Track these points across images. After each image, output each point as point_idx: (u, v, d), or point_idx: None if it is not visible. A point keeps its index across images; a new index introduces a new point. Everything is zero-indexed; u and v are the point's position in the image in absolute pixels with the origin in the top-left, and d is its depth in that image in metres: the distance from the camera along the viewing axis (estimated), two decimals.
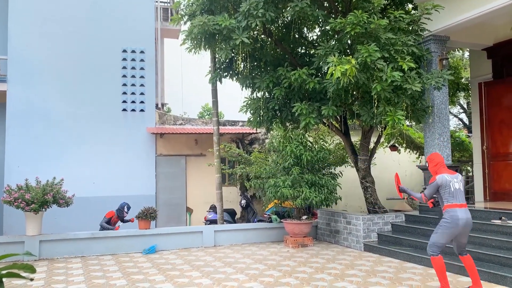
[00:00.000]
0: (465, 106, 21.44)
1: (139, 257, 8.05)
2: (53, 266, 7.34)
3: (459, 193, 5.16)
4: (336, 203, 9.48)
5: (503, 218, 6.98)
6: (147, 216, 8.79)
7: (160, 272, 6.73)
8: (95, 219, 11.85)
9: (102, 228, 9.45)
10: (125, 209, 9.51)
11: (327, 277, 6.26)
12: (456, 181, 5.20)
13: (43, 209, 7.98)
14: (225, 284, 5.93)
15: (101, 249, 8.41)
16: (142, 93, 13.15)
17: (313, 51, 9.64)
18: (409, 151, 14.19)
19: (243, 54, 8.48)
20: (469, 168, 15.28)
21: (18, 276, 0.99)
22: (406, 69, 7.47)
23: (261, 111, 9.27)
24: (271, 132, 11.08)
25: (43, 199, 7.78)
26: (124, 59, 13.07)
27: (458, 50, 15.66)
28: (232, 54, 8.87)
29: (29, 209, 7.71)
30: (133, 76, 13.10)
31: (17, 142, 11.97)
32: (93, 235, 8.44)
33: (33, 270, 1.06)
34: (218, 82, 9.95)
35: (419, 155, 14.15)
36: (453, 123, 22.33)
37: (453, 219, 5.04)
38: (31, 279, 1.05)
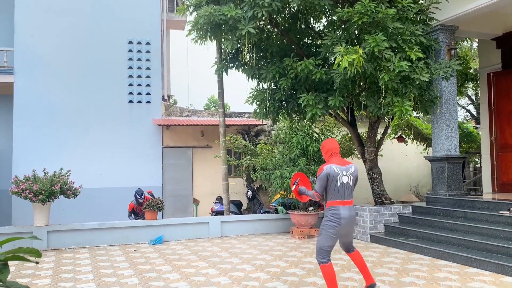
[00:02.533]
0: (473, 97, 21.25)
1: (146, 248, 8.09)
2: (61, 257, 7.40)
3: (346, 189, 4.57)
4: None
5: (511, 209, 6.93)
6: (154, 207, 8.82)
7: (167, 263, 6.77)
8: (102, 210, 11.94)
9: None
10: (138, 196, 9.52)
11: (334, 268, 6.24)
12: (345, 173, 4.59)
13: (51, 200, 8.03)
14: (232, 274, 5.94)
15: (108, 240, 8.47)
16: (148, 85, 13.14)
17: (319, 41, 9.55)
18: (416, 143, 14.10)
19: (249, 45, 8.43)
20: (477, 159, 15.18)
21: (23, 259, 0.98)
22: (414, 59, 7.39)
23: (267, 102, 9.22)
24: (277, 123, 11.04)
25: (50, 190, 7.82)
26: (130, 51, 13.06)
27: (466, 40, 15.50)
28: (238, 45, 8.81)
29: (36, 200, 7.76)
30: (139, 68, 13.09)
31: (25, 134, 12.04)
32: (100, 226, 8.49)
33: (38, 254, 1.06)
34: (224, 73, 9.90)
35: (426, 147, 14.07)
36: (461, 114, 22.15)
37: (335, 217, 4.50)
38: (36, 263, 1.05)
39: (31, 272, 6.29)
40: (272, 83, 9.42)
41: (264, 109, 9.35)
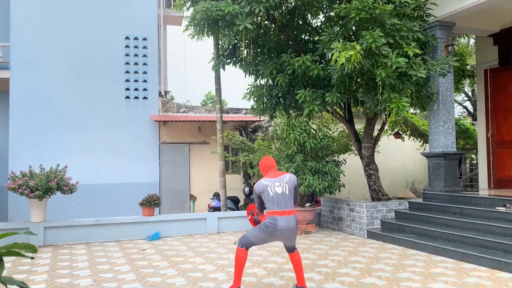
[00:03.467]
0: (469, 94, 21.30)
1: (143, 244, 8.09)
2: (57, 252, 7.38)
3: (281, 198, 4.57)
4: (339, 191, 9.47)
5: (507, 205, 6.96)
6: (151, 203, 8.81)
7: (164, 258, 6.77)
8: (99, 206, 11.93)
9: None
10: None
11: (330, 264, 6.27)
12: (278, 184, 4.63)
13: (47, 196, 8.01)
14: (229, 270, 5.95)
15: (105, 236, 8.46)
16: (145, 81, 13.11)
17: (317, 37, 9.54)
18: (413, 139, 14.14)
19: (247, 41, 8.40)
20: (473, 156, 15.23)
21: (18, 254, 0.98)
22: (411, 55, 7.39)
23: (264, 99, 9.21)
24: (275, 119, 11.03)
25: (47, 186, 7.80)
26: (127, 46, 13.01)
27: (463, 37, 15.49)
28: (236, 41, 8.78)
29: (33, 196, 7.74)
30: (136, 64, 13.05)
31: (21, 129, 11.99)
32: (97, 221, 8.48)
33: (34, 250, 1.05)
34: (221, 69, 9.87)
35: (423, 143, 14.10)
36: (458, 111, 22.21)
37: (271, 226, 4.52)
38: (32, 258, 1.04)
39: (28, 268, 6.28)
40: (270, 79, 9.40)
41: (262, 105, 9.34)
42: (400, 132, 13.57)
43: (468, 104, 22.44)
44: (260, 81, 9.57)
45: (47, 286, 5.35)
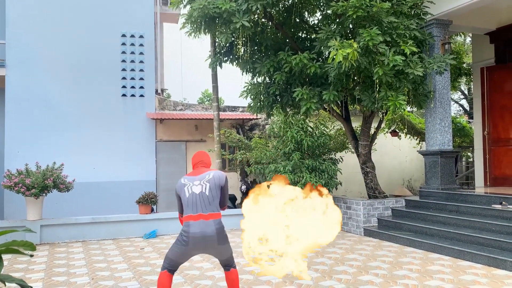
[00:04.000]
0: (466, 92, 21.36)
1: (140, 242, 8.08)
2: (54, 251, 7.37)
3: (198, 200, 3.78)
4: (336, 188, 9.49)
5: (503, 202, 6.99)
6: (148, 201, 8.80)
7: (161, 256, 6.76)
8: (96, 204, 11.90)
9: None
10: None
11: (327, 261, 6.28)
12: (198, 183, 3.85)
13: (44, 194, 7.99)
14: None
15: (102, 234, 8.44)
16: (141, 78, 13.06)
17: (314, 35, 9.53)
18: (409, 137, 14.16)
19: (244, 38, 8.39)
20: (469, 153, 15.29)
21: (17, 252, 0.97)
22: (408, 53, 7.40)
23: (261, 96, 9.21)
24: (272, 117, 11.03)
25: (43, 184, 7.77)
26: (123, 44, 12.95)
27: (460, 35, 15.54)
28: (233, 38, 8.78)
29: (29, 194, 7.71)
30: (132, 61, 13.00)
31: (17, 127, 11.93)
32: (93, 219, 8.46)
33: (33, 248, 1.04)
34: (218, 67, 9.87)
35: (419, 141, 14.13)
36: (454, 109, 22.28)
37: (184, 235, 3.74)
38: (31, 256, 1.04)
39: (24, 267, 6.26)
40: (267, 77, 9.40)
41: (259, 103, 9.34)
42: (397, 130, 13.60)
43: (464, 102, 22.51)
44: (257, 79, 9.57)
45: (44, 284, 5.34)
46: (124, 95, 12.90)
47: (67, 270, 5.99)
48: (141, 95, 13.02)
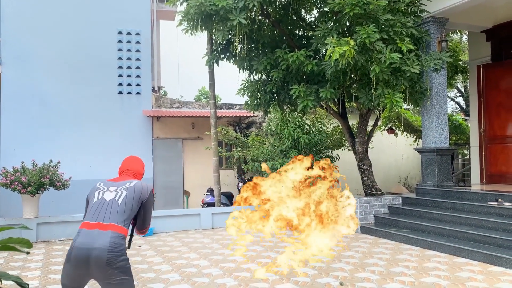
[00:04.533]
0: (462, 89, 21.42)
1: (137, 239, 8.07)
2: (50, 248, 7.35)
3: (105, 207, 2.95)
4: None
5: (499, 200, 7.02)
6: None
7: (158, 254, 6.76)
8: None
9: None
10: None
11: (324, 258, 6.29)
12: (114, 189, 3.06)
13: (40, 192, 7.96)
14: (223, 266, 5.96)
15: None
16: (138, 76, 13.02)
17: (311, 32, 9.53)
18: (406, 135, 14.20)
19: (240, 36, 8.37)
20: (465, 151, 15.34)
21: (13, 249, 0.97)
22: (405, 51, 7.41)
23: (258, 94, 9.20)
24: (269, 115, 11.03)
25: (39, 181, 7.75)
26: (120, 41, 12.91)
27: (456, 33, 15.55)
28: (229, 36, 8.75)
29: (25, 192, 7.68)
30: (129, 59, 12.95)
31: (13, 125, 11.88)
32: None
33: (29, 245, 1.04)
34: (215, 65, 9.84)
35: (416, 139, 14.17)
36: (451, 106, 22.34)
37: (70, 247, 2.82)
38: (27, 253, 1.03)
39: (21, 264, 6.24)
40: (264, 75, 9.39)
41: (256, 101, 9.33)
42: (394, 127, 13.62)
43: (460, 100, 22.58)
44: (254, 76, 9.55)
45: (40, 281, 5.33)
46: (120, 92, 12.86)
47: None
48: (138, 93, 12.99)
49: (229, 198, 12.21)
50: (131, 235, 3.30)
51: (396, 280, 5.16)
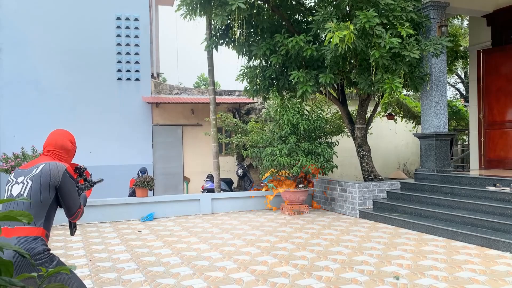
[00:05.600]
0: (462, 76, 21.35)
1: (137, 224, 8.13)
2: (51, 233, 7.40)
3: (12, 205, 2.56)
4: (332, 171, 9.54)
5: (497, 184, 7.06)
6: (145, 184, 8.83)
7: (159, 238, 6.82)
8: (93, 188, 11.92)
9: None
10: (140, 174, 9.44)
11: (322, 242, 6.35)
12: (21, 180, 2.59)
13: None
14: (223, 249, 6.01)
15: (99, 217, 8.48)
16: (137, 62, 12.98)
17: (310, 17, 9.47)
18: (406, 120, 14.20)
19: (240, 21, 8.32)
20: (465, 137, 15.37)
21: (14, 219, 0.99)
22: (404, 35, 7.38)
23: (257, 80, 9.17)
24: (268, 101, 11.02)
25: None
26: (118, 27, 12.84)
27: (457, 18, 15.45)
28: (228, 21, 8.69)
29: None
30: (127, 45, 12.90)
31: (12, 111, 11.88)
32: (90, 202, 8.47)
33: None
34: (214, 50, 9.80)
35: (415, 125, 14.18)
36: (450, 93, 22.30)
37: None
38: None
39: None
40: (263, 60, 9.36)
41: (255, 87, 9.31)
42: (393, 113, 13.62)
43: (460, 86, 22.53)
44: (253, 62, 9.52)
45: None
46: (119, 78, 12.84)
47: (65, 252, 6.04)
48: (137, 79, 12.96)
49: (228, 184, 12.26)
50: (69, 222, 2.93)
51: (394, 263, 5.21)
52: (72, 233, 2.88)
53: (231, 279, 4.69)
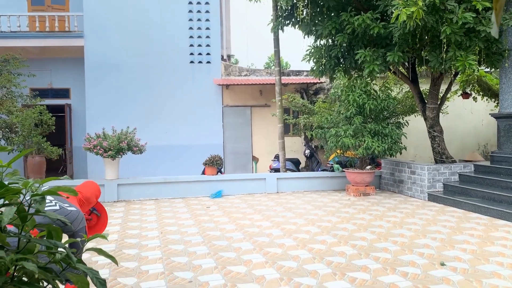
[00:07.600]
0: None
1: (207, 201, 8.58)
2: (129, 207, 8.07)
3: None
4: (400, 153, 9.29)
5: None
6: (213, 163, 9.24)
7: (225, 214, 7.16)
8: (167, 166, 12.69)
9: None
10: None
11: (385, 224, 6.30)
12: (50, 198, 3.27)
13: (119, 156, 8.68)
14: (284, 227, 6.20)
15: (172, 193, 9.05)
16: (208, 45, 13.40)
17: None
18: (487, 99, 13.28)
19: (305, 0, 8.28)
20: None
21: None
22: (480, 9, 6.90)
23: (323, 60, 9.11)
24: (335, 81, 10.89)
25: (118, 146, 8.45)
26: (190, 11, 13.30)
27: None
28: (294, 1, 8.69)
29: (106, 156, 8.43)
30: (199, 28, 13.34)
31: (96, 94, 12.89)
32: (165, 180, 9.07)
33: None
34: (280, 31, 9.85)
35: (497, 104, 13.21)
36: None
37: None
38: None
39: None
40: (329, 40, 9.25)
41: (321, 67, 9.26)
42: (469, 91, 12.78)
43: None
44: (319, 42, 9.44)
45: (119, 236, 5.94)
46: (192, 62, 13.35)
47: (140, 225, 6.58)
48: (208, 62, 13.40)
49: (296, 165, 12.38)
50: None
51: (457, 247, 5.07)
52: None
53: (288, 256, 4.86)
